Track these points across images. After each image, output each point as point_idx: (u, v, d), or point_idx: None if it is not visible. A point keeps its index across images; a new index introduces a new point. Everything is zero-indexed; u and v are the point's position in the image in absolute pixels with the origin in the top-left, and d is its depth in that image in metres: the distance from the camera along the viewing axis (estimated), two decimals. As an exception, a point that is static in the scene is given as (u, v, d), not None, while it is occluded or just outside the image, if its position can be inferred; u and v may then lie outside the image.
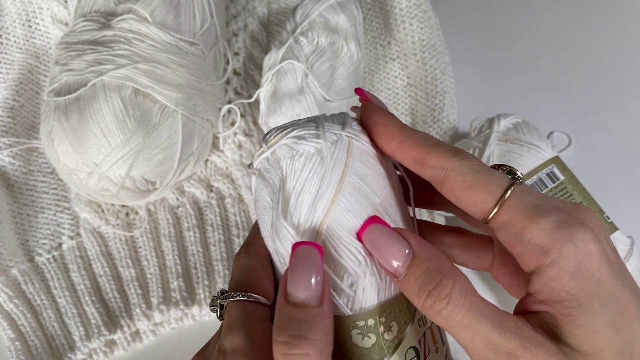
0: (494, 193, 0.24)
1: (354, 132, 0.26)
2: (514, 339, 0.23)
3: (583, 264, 0.23)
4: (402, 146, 0.26)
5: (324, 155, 0.25)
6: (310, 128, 0.26)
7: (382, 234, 0.25)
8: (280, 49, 0.52)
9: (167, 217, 0.53)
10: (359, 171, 0.26)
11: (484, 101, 0.60)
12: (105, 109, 0.44)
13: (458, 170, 0.25)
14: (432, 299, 0.23)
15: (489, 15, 0.64)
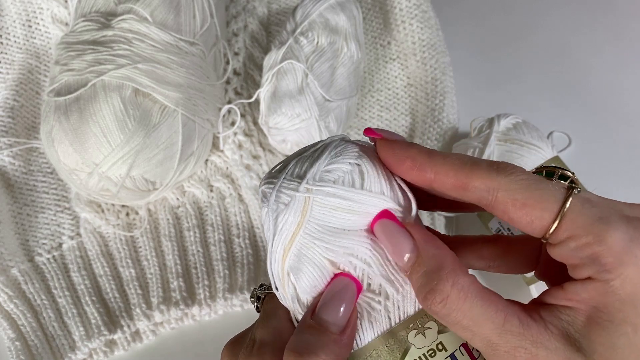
0: (551, 209, 0.22)
1: (320, 179, 0.25)
2: (514, 340, 0.22)
3: (636, 290, 0.22)
4: (437, 176, 0.24)
5: (271, 221, 0.26)
6: (273, 182, 0.26)
7: (388, 229, 0.25)
8: (280, 49, 0.52)
9: (167, 217, 0.53)
10: (318, 225, 0.25)
11: (484, 101, 0.60)
12: (106, 109, 0.44)
13: (506, 188, 0.23)
14: (428, 301, 0.23)
15: (489, 16, 0.64)
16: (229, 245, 0.52)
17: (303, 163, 0.26)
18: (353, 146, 0.27)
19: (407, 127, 0.57)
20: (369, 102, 0.58)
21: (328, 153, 0.26)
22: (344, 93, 0.52)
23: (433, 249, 0.24)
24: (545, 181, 0.23)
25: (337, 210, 0.25)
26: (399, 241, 0.24)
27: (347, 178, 0.26)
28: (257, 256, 0.52)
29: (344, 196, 0.25)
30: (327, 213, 0.25)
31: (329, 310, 0.24)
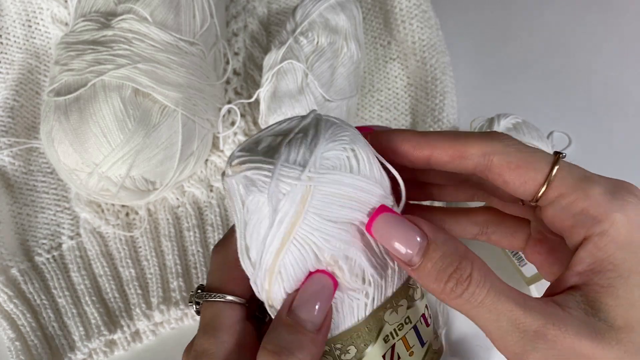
0: (543, 170, 0.24)
1: (320, 167, 0.24)
2: (541, 317, 0.22)
3: (632, 235, 0.23)
4: (436, 150, 0.26)
5: (265, 211, 0.24)
6: (265, 168, 0.24)
7: (391, 223, 0.24)
8: (280, 49, 0.52)
9: (167, 217, 0.53)
10: (317, 215, 0.24)
11: (484, 101, 0.60)
12: (105, 109, 0.44)
13: (501, 152, 0.25)
14: (453, 282, 0.23)
15: (489, 15, 0.64)
16: (229, 245, 0.52)
17: (297, 147, 0.25)
18: (341, 128, 0.26)
19: (407, 127, 0.57)
20: (369, 102, 0.58)
21: (323, 137, 0.25)
22: (344, 93, 0.52)
23: (443, 235, 0.24)
24: (536, 149, 0.25)
25: (337, 198, 0.25)
26: (407, 232, 0.24)
27: (345, 164, 0.25)
28: (257, 256, 0.52)
29: (345, 183, 0.25)
30: (328, 202, 0.25)
31: (306, 309, 0.24)
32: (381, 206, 0.25)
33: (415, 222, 0.24)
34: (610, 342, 0.22)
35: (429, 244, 0.24)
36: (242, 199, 0.25)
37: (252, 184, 0.24)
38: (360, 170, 0.25)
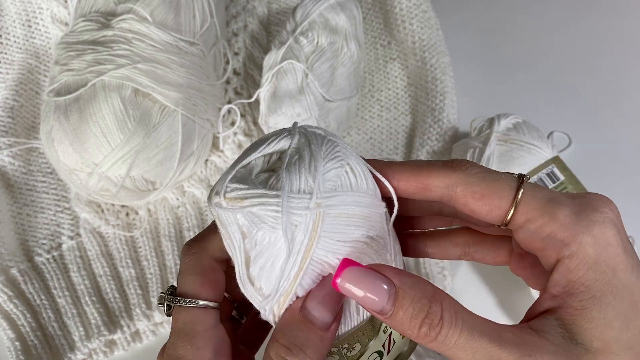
0: (507, 196, 0.24)
1: (324, 190, 0.24)
2: (516, 350, 0.22)
3: (600, 255, 0.23)
4: (400, 183, 0.26)
5: (283, 245, 0.24)
6: (272, 202, 0.23)
7: (357, 276, 0.24)
8: (280, 49, 0.52)
9: (167, 217, 0.53)
10: (329, 238, 0.24)
11: (484, 101, 0.60)
12: (105, 109, 0.44)
13: (464, 183, 0.25)
14: (426, 327, 0.23)
15: (489, 16, 0.64)
16: (229, 245, 0.52)
17: (297, 173, 0.24)
18: (332, 143, 0.26)
19: (407, 127, 0.56)
20: (369, 102, 0.58)
21: (320, 156, 0.25)
22: (344, 93, 0.52)
23: (409, 279, 0.24)
24: (497, 173, 0.25)
25: (344, 218, 0.25)
26: (374, 283, 0.23)
27: (345, 182, 0.25)
28: (257, 256, 0.52)
29: (349, 202, 0.25)
30: (336, 223, 0.24)
31: (319, 308, 0.24)
32: (344, 260, 0.24)
33: (380, 270, 0.24)
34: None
35: (397, 291, 0.23)
36: (243, 230, 0.25)
37: (260, 220, 0.24)
38: (359, 186, 0.25)
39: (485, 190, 0.24)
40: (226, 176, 0.25)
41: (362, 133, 0.57)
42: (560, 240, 0.23)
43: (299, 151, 0.25)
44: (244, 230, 0.25)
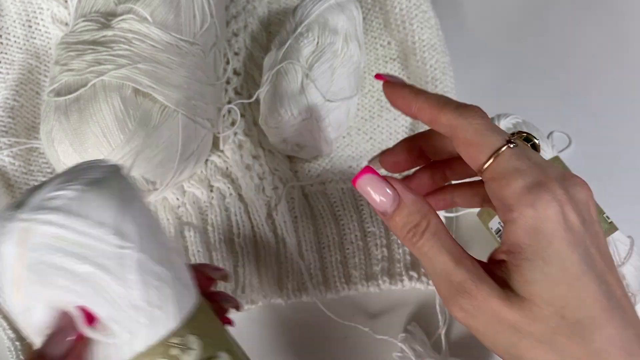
0: (486, 153, 0.28)
1: (39, 209, 0.24)
2: (465, 273, 0.28)
3: (538, 226, 0.27)
4: (419, 110, 0.31)
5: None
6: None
7: (373, 180, 0.30)
8: (280, 49, 0.52)
9: (167, 216, 0.53)
10: (45, 259, 0.24)
11: (484, 101, 0.60)
12: (106, 109, 0.44)
13: (462, 128, 0.29)
14: (411, 233, 0.30)
15: (489, 16, 0.64)
16: (229, 245, 0.53)
17: (33, 189, 0.25)
18: (84, 173, 0.26)
19: (407, 127, 0.57)
20: (369, 102, 0.58)
21: (55, 180, 0.25)
22: (343, 93, 0.52)
23: (412, 196, 0.30)
24: (495, 130, 0.29)
25: (58, 241, 0.24)
26: (382, 188, 0.30)
27: (69, 206, 0.24)
28: (257, 256, 0.52)
29: (63, 224, 0.24)
30: (48, 245, 0.24)
31: (47, 346, 0.25)
32: (366, 167, 0.31)
33: (392, 182, 0.30)
34: (514, 306, 0.27)
35: (400, 202, 0.30)
36: None
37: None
38: (86, 213, 0.25)
39: (474, 141, 0.29)
40: None
41: (362, 133, 0.57)
42: (508, 205, 0.28)
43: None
44: None
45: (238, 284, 0.50)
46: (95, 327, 0.26)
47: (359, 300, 0.52)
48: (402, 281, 0.50)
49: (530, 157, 0.28)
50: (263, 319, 0.51)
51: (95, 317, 0.26)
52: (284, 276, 0.51)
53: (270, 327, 0.51)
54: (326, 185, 0.55)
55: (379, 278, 0.50)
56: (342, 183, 0.55)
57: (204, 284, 0.34)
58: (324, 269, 0.52)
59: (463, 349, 0.50)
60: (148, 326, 0.26)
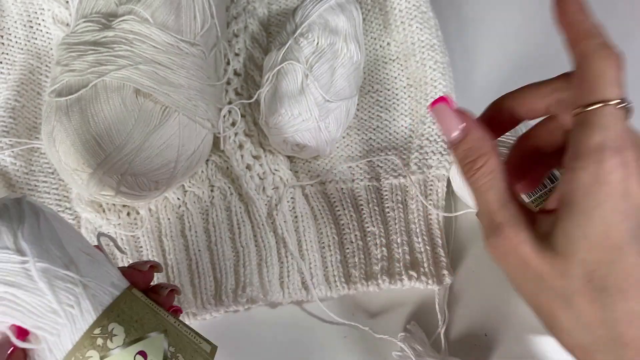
0: (598, 97, 0.29)
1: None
2: (507, 216, 0.30)
3: (594, 184, 0.27)
4: (576, 16, 0.34)
5: None
6: None
7: (444, 111, 0.33)
8: (280, 50, 0.52)
9: (168, 216, 0.53)
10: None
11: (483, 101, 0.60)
12: (107, 110, 0.45)
13: (597, 62, 0.31)
14: (468, 166, 0.31)
15: (488, 16, 0.65)
16: (230, 245, 0.53)
17: None
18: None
19: (407, 128, 0.57)
20: (368, 103, 0.58)
21: None
22: (343, 94, 0.52)
23: (478, 132, 0.32)
24: (618, 83, 0.31)
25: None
26: (451, 122, 0.32)
27: None
28: (259, 255, 0.52)
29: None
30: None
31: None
32: (440, 97, 0.33)
33: (463, 116, 0.33)
34: (545, 258, 0.28)
35: (465, 135, 0.32)
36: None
37: None
38: None
39: (598, 80, 0.30)
40: None
41: (362, 133, 0.57)
42: (577, 152, 0.27)
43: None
44: None
45: (239, 284, 0.51)
46: (28, 338, 0.30)
47: (359, 299, 0.52)
48: (401, 280, 0.50)
49: (625, 124, 0.28)
50: (263, 318, 0.51)
51: (24, 329, 0.30)
52: (285, 275, 0.51)
53: (271, 326, 0.51)
54: (326, 185, 0.55)
55: (379, 277, 0.50)
56: (342, 183, 0.55)
57: (139, 280, 0.36)
58: (324, 268, 0.52)
59: (462, 348, 0.50)
60: (69, 325, 0.30)
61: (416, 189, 0.53)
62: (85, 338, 0.30)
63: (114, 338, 0.31)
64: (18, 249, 0.29)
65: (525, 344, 0.50)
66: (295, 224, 0.54)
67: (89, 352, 0.30)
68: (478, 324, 0.51)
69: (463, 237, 0.54)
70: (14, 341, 0.30)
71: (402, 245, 0.52)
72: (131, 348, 0.31)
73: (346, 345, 0.50)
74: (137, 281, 0.35)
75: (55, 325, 0.30)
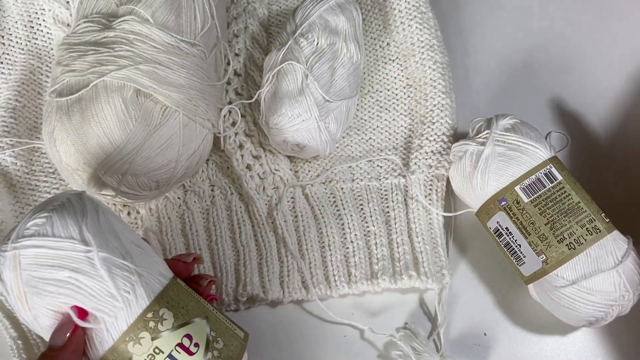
0: None
1: (21, 237, 0.33)
2: None
3: None
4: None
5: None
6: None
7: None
8: (280, 50, 0.52)
9: (169, 216, 0.53)
10: (34, 274, 0.32)
11: (482, 101, 0.60)
12: (107, 110, 0.45)
13: None
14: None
15: (488, 16, 0.65)
16: (230, 244, 0.53)
17: (16, 225, 0.33)
18: (49, 203, 0.34)
19: (406, 128, 0.57)
20: (368, 103, 0.58)
21: (31, 210, 0.34)
22: (343, 94, 0.53)
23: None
24: None
25: (42, 258, 0.32)
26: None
27: (42, 230, 0.33)
28: (259, 254, 0.52)
29: (39, 245, 0.32)
30: (33, 263, 0.32)
31: (52, 339, 0.34)
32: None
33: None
34: None
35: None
36: None
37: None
38: (55, 232, 0.33)
39: None
40: None
41: (362, 134, 0.57)
42: None
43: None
44: None
45: (239, 283, 0.51)
46: (88, 319, 0.33)
47: (359, 298, 0.52)
48: (401, 280, 0.50)
49: None
50: (263, 317, 0.51)
51: (85, 310, 0.33)
52: (285, 275, 0.51)
53: (271, 326, 0.51)
54: (326, 185, 0.55)
55: (379, 277, 0.50)
56: (342, 183, 0.55)
57: (182, 270, 0.39)
58: (324, 267, 0.52)
59: (462, 348, 0.50)
60: (125, 308, 0.34)
61: (416, 189, 0.54)
62: (139, 321, 0.34)
63: (164, 322, 0.34)
64: (83, 239, 0.33)
65: (525, 344, 0.50)
66: (295, 223, 0.54)
67: (141, 333, 0.33)
68: (477, 324, 0.51)
69: (463, 237, 0.54)
70: (76, 320, 0.33)
71: (402, 245, 0.52)
72: (179, 331, 0.34)
73: (346, 344, 0.50)
74: (180, 271, 0.39)
75: (112, 308, 0.33)
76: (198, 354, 0.34)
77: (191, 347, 0.34)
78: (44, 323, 0.34)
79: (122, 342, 0.33)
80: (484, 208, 0.49)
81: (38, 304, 0.33)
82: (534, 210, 0.46)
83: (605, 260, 0.44)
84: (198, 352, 0.34)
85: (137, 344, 0.33)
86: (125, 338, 0.33)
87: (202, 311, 0.36)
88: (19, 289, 0.33)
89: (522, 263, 0.47)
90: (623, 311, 0.45)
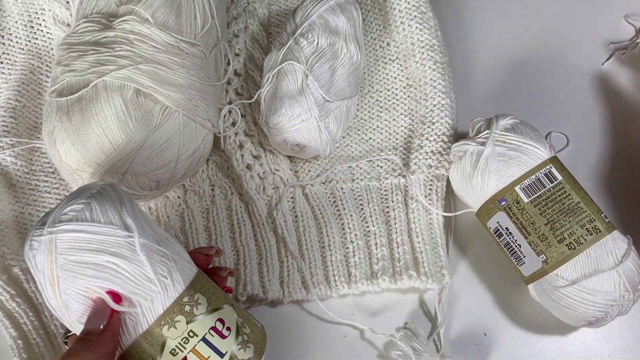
0: None
1: (57, 222, 0.33)
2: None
3: None
4: None
5: (31, 266, 0.33)
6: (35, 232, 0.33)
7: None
8: (280, 50, 0.52)
9: (169, 215, 0.53)
10: (68, 259, 0.33)
11: (482, 101, 0.60)
12: (107, 110, 0.45)
13: None
14: None
15: (488, 16, 0.65)
16: (230, 244, 0.53)
17: (49, 211, 0.34)
18: (86, 190, 0.35)
19: (406, 128, 0.57)
20: (368, 103, 0.58)
21: (67, 198, 0.34)
22: (343, 94, 0.53)
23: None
24: None
25: (79, 242, 0.33)
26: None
27: (80, 215, 0.33)
28: (259, 254, 0.52)
29: (79, 229, 0.33)
30: (71, 247, 0.32)
31: (89, 324, 0.33)
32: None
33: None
34: None
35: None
36: None
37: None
38: (94, 217, 0.33)
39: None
40: None
41: (362, 134, 0.57)
42: None
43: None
44: None
45: (239, 282, 0.51)
46: (123, 303, 0.34)
47: (359, 298, 0.52)
48: (401, 280, 0.50)
49: None
50: (263, 317, 0.51)
51: (121, 295, 0.34)
52: (285, 275, 0.52)
53: (271, 326, 0.51)
54: (326, 185, 0.55)
55: (379, 277, 0.50)
56: (342, 183, 0.55)
57: (203, 262, 0.40)
58: (324, 267, 0.52)
59: (462, 348, 0.50)
60: (162, 292, 0.34)
61: (416, 189, 0.54)
62: (175, 304, 0.34)
63: (199, 306, 0.35)
64: (124, 225, 0.34)
65: (525, 344, 0.50)
66: (295, 223, 0.54)
67: (177, 317, 0.34)
68: (477, 324, 0.51)
69: (463, 237, 0.54)
70: (112, 304, 0.33)
71: (402, 245, 0.52)
72: (213, 315, 0.35)
73: (346, 344, 0.50)
74: (200, 263, 0.40)
75: (149, 292, 0.34)
76: (230, 337, 0.35)
77: (224, 331, 0.35)
78: (74, 309, 0.34)
79: (157, 325, 0.34)
80: (484, 208, 0.49)
81: (71, 289, 0.33)
82: (534, 210, 0.46)
83: (605, 260, 0.44)
84: (230, 335, 0.35)
85: (172, 327, 0.34)
86: (161, 322, 0.34)
87: (227, 299, 0.38)
88: (51, 273, 0.33)
89: (522, 263, 0.47)
90: (623, 311, 0.45)
